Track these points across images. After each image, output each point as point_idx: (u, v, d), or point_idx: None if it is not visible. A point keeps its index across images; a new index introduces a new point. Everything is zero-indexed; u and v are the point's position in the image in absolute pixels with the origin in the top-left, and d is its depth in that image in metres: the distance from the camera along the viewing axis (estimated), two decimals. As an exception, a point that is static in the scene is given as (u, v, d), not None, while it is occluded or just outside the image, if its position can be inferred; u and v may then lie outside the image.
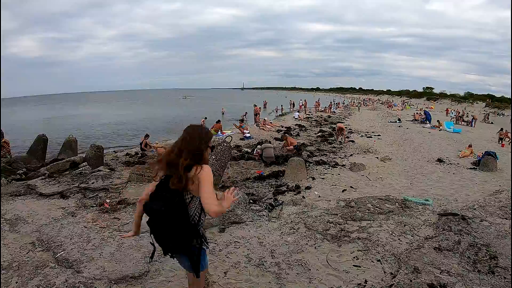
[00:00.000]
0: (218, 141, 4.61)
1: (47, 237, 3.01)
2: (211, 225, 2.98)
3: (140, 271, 2.34)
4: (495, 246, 2.97)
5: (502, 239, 3.15)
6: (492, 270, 2.54)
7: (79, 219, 3.51)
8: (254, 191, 5.56)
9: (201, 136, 1.56)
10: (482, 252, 2.87)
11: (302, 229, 3.06)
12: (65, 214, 3.70)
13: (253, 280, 2.21)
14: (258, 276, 2.25)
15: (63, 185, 5.27)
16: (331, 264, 2.48)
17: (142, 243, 2.80)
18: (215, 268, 2.38)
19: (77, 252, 2.67)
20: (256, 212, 3.37)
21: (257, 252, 2.59)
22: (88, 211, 3.79)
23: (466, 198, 6.08)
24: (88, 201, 4.22)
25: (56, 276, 2.27)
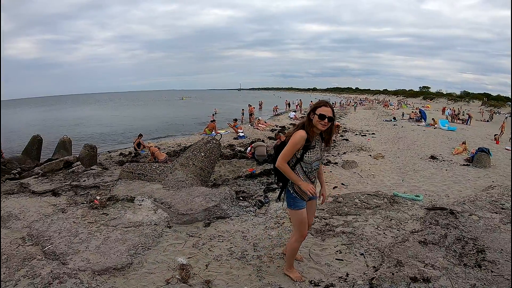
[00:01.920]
0: (207, 139, 4.57)
1: (37, 232, 3.05)
2: (197, 220, 2.96)
3: (123, 263, 2.39)
4: (483, 240, 2.95)
5: (491, 233, 3.14)
6: (479, 264, 2.52)
7: (69, 215, 3.54)
8: (245, 188, 5.54)
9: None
10: (469, 246, 2.86)
11: (287, 224, 3.05)
12: (55, 210, 3.73)
13: (233, 272, 2.23)
14: (239, 269, 2.26)
15: (55, 183, 5.31)
16: (313, 258, 2.49)
17: (128, 236, 2.84)
18: (197, 261, 2.41)
19: (64, 246, 2.72)
20: (243, 208, 3.34)
21: (240, 245, 2.61)
22: (78, 207, 3.82)
23: (458, 194, 6.09)
24: (79, 198, 4.25)
25: (42, 267, 2.34)
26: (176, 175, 3.95)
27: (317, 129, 1.99)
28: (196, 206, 3.09)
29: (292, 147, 1.98)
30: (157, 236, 2.76)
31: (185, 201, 3.23)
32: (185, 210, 3.01)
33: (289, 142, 2.02)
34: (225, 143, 10.07)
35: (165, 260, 2.43)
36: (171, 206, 3.10)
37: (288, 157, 2.01)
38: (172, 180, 3.88)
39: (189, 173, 3.99)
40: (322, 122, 1.96)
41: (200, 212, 2.99)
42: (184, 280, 2.13)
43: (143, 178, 4.24)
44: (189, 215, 2.96)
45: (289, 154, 2.00)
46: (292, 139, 1.98)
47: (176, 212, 3.00)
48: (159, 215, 3.11)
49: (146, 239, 2.73)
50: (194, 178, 3.97)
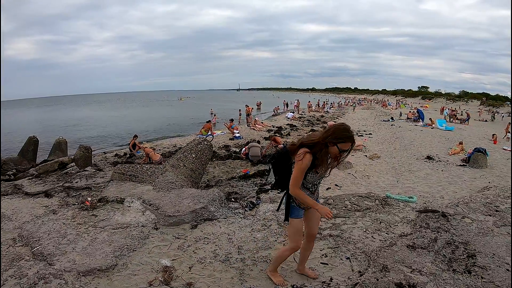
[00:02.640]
0: (198, 140, 4.56)
1: (28, 233, 3.08)
2: (184, 222, 2.96)
3: (108, 265, 2.41)
4: (474, 244, 2.87)
5: (483, 237, 3.06)
6: (468, 270, 2.44)
7: (59, 216, 3.56)
8: (238, 189, 5.53)
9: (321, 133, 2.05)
10: (459, 250, 2.78)
11: (274, 226, 3.03)
12: (47, 212, 3.75)
13: (216, 275, 2.23)
14: (221, 272, 2.26)
15: (48, 184, 5.35)
16: (297, 261, 2.44)
17: (114, 238, 2.85)
18: (181, 263, 2.42)
19: (52, 247, 2.75)
20: (232, 210, 3.33)
21: (224, 248, 2.60)
22: (69, 209, 3.85)
23: (453, 195, 6.05)
24: (71, 200, 4.27)
25: (29, 268, 2.40)
26: (167, 177, 3.94)
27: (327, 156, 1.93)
28: (183, 207, 3.09)
29: (301, 172, 1.93)
30: (143, 238, 2.76)
31: (173, 203, 3.23)
32: (172, 212, 3.01)
33: (296, 166, 1.94)
34: (221, 144, 10.07)
35: (149, 262, 2.44)
36: (159, 208, 3.10)
37: (299, 182, 1.96)
38: (162, 182, 3.88)
39: (179, 174, 3.98)
40: (339, 155, 1.92)
41: (187, 214, 2.99)
42: (166, 282, 2.14)
43: (134, 179, 4.23)
44: (176, 216, 2.96)
45: (300, 178, 1.96)
46: (301, 165, 1.91)
47: (163, 213, 2.99)
48: (147, 217, 3.10)
49: (132, 240, 2.74)
50: (185, 179, 3.96)
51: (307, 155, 1.88)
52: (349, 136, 1.88)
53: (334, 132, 1.89)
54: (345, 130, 1.89)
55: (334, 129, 1.92)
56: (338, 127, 1.92)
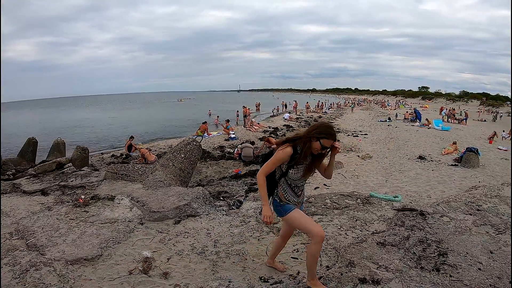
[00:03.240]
0: (187, 140, 4.75)
1: (23, 227, 3.26)
2: (167, 217, 3.14)
3: (94, 255, 2.60)
4: (448, 243, 2.85)
5: (459, 235, 3.03)
6: (437, 268, 2.42)
7: (53, 213, 3.74)
8: (228, 189, 5.71)
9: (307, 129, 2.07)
10: (431, 249, 2.75)
11: (253, 222, 3.16)
12: (42, 208, 3.93)
13: (191, 266, 2.39)
14: (196, 263, 2.42)
15: (45, 183, 5.56)
16: (269, 255, 2.49)
17: (102, 231, 3.05)
18: (161, 255, 2.59)
19: (45, 239, 2.95)
20: (216, 207, 3.51)
21: (202, 241, 2.76)
22: (64, 205, 4.01)
23: (440, 194, 6.13)
24: (66, 197, 4.44)
25: (22, 257, 2.59)
26: (156, 176, 4.13)
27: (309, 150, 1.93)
28: (168, 204, 3.27)
29: (274, 162, 1.94)
30: (129, 232, 2.95)
31: (159, 200, 3.42)
32: (157, 208, 3.20)
33: (273, 155, 1.97)
34: (216, 145, 10.25)
35: (132, 253, 2.62)
36: (145, 204, 3.28)
37: (268, 171, 1.96)
38: (151, 180, 4.07)
39: (168, 173, 4.17)
40: (322, 151, 1.94)
41: (171, 210, 3.17)
42: (145, 272, 2.32)
43: (126, 178, 4.42)
44: (160, 212, 3.14)
45: (270, 168, 1.96)
46: (277, 154, 1.94)
47: (149, 209, 3.18)
48: (134, 213, 3.29)
49: (118, 234, 2.93)
50: (173, 178, 4.15)
51: (287, 148, 1.91)
52: (332, 133, 1.92)
53: (318, 127, 1.94)
54: (329, 127, 1.94)
55: (319, 125, 1.97)
56: (323, 124, 1.97)
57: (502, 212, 3.70)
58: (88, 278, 2.31)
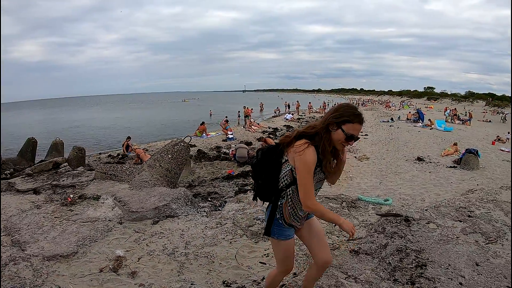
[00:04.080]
0: (175, 141, 4.80)
1: (11, 224, 3.37)
2: (146, 218, 3.18)
3: (70, 252, 2.69)
4: (429, 253, 2.66)
5: (443, 245, 2.83)
6: (412, 281, 2.22)
7: (41, 211, 3.83)
8: (219, 190, 5.74)
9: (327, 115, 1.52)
10: (409, 259, 2.54)
11: (229, 225, 3.15)
12: (32, 207, 4.03)
13: (159, 266, 2.43)
14: (165, 264, 2.45)
15: (38, 182, 5.66)
16: (238, 259, 2.53)
17: (81, 230, 3.13)
18: (133, 254, 2.65)
19: (28, 236, 3.05)
20: (198, 208, 3.54)
21: (174, 242, 2.78)
22: (52, 204, 4.11)
23: (435, 198, 5.86)
24: (56, 196, 4.54)
25: (4, 252, 2.70)
26: (142, 176, 4.19)
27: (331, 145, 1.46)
28: (148, 204, 3.32)
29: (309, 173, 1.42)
30: (107, 231, 3.02)
31: (140, 200, 3.46)
32: (136, 208, 3.25)
33: (300, 167, 1.42)
34: (213, 145, 10.31)
35: (106, 251, 2.68)
36: (125, 204, 3.34)
37: (312, 190, 1.45)
38: (137, 181, 4.12)
39: (154, 174, 4.22)
40: (346, 143, 1.45)
41: (150, 210, 3.22)
42: (114, 270, 2.38)
43: (114, 178, 4.49)
44: (139, 212, 3.19)
45: (311, 184, 1.44)
46: (304, 163, 1.41)
47: (128, 209, 3.23)
48: (115, 212, 3.35)
49: (96, 232, 3.00)
50: (160, 178, 4.20)
51: (310, 147, 1.40)
52: (357, 114, 1.43)
53: (337, 110, 1.45)
54: (351, 107, 1.46)
55: (338, 107, 1.48)
56: (342, 105, 1.49)
57: (496, 219, 3.48)
58: (61, 274, 2.39)
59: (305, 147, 1.40)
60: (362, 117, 1.44)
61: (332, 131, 1.44)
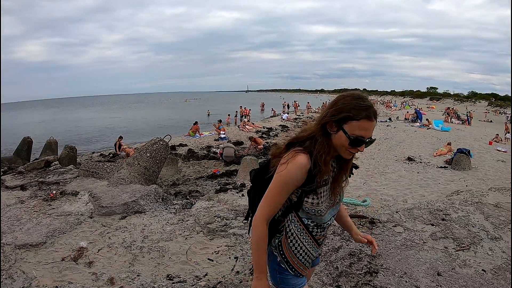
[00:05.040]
0: (155, 140, 4.95)
1: None
2: (115, 213, 3.33)
3: (39, 242, 2.88)
4: (386, 258, 2.50)
5: (405, 250, 2.64)
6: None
7: (24, 206, 4.03)
8: (201, 188, 5.86)
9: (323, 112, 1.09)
10: (360, 264, 2.38)
11: (190, 222, 3.23)
12: (17, 201, 4.24)
13: (114, 258, 2.58)
14: (120, 256, 2.60)
15: (26, 179, 5.88)
16: (188, 255, 2.60)
17: (54, 223, 3.31)
18: (94, 246, 2.81)
19: (6, 227, 3.25)
20: (168, 205, 3.67)
21: (134, 236, 2.93)
22: (35, 199, 4.31)
23: (419, 199, 5.73)
24: (40, 192, 4.72)
25: None
26: (120, 174, 4.34)
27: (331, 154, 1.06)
28: (118, 200, 3.47)
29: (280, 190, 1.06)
30: (76, 224, 3.20)
31: (112, 196, 3.62)
32: (106, 204, 3.40)
33: (275, 178, 1.06)
34: (204, 145, 10.46)
35: (72, 243, 2.86)
36: (98, 200, 3.49)
37: (273, 212, 1.09)
38: (115, 178, 4.28)
39: (132, 172, 4.37)
40: (354, 150, 1.04)
41: (119, 206, 3.37)
42: (74, 259, 2.57)
43: (95, 176, 4.66)
44: (108, 208, 3.34)
45: (274, 203, 1.08)
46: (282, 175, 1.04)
47: (99, 205, 3.38)
48: (88, 207, 3.52)
49: (66, 225, 3.20)
50: (137, 176, 4.35)
51: (300, 157, 1.03)
52: (363, 106, 1.00)
53: (335, 104, 1.04)
54: (355, 98, 1.02)
55: (336, 98, 1.07)
56: (343, 95, 1.06)
57: (473, 223, 3.27)
58: (28, 261, 2.57)
59: (291, 157, 1.03)
60: (371, 110, 1.00)
61: (332, 134, 1.03)
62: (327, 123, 1.05)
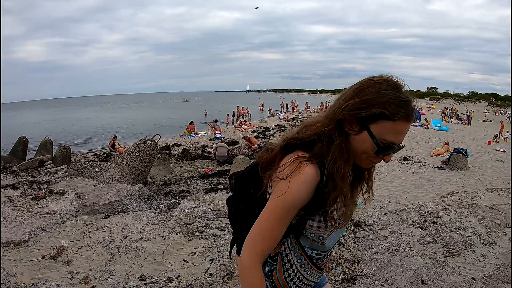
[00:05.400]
0: (144, 139, 4.96)
1: None
2: (98, 212, 3.34)
3: (21, 240, 2.90)
4: (367, 264, 2.38)
5: (389, 256, 2.50)
6: None
7: (12, 204, 4.03)
8: (191, 188, 5.87)
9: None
10: (338, 270, 2.30)
11: (171, 222, 3.21)
12: (6, 200, 4.23)
13: (92, 257, 2.60)
14: (98, 255, 2.62)
15: (18, 178, 5.87)
16: (164, 256, 2.57)
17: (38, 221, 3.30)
18: (75, 245, 2.82)
19: None
20: (152, 205, 3.67)
21: (113, 236, 2.94)
22: (24, 198, 4.31)
23: (412, 200, 5.59)
24: (30, 191, 4.73)
25: None
26: (108, 173, 4.35)
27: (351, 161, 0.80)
28: (102, 199, 3.48)
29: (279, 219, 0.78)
30: (60, 223, 3.22)
31: (98, 195, 3.63)
32: (90, 203, 3.41)
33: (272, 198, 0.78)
34: (199, 144, 10.47)
35: (53, 241, 2.87)
36: (83, 199, 3.49)
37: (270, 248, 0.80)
38: (103, 177, 4.29)
39: (121, 171, 4.39)
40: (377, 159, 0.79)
41: (102, 205, 3.38)
42: (54, 258, 2.58)
43: (84, 175, 4.67)
44: (92, 207, 3.36)
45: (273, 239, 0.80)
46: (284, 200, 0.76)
47: (83, 204, 3.39)
48: (73, 206, 3.54)
49: (49, 224, 3.22)
50: (125, 176, 4.36)
51: (306, 168, 0.75)
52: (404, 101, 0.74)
53: (362, 92, 0.75)
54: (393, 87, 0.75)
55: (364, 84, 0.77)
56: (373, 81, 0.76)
57: (466, 227, 3.09)
58: (9, 258, 2.59)
59: (295, 167, 0.75)
60: (411, 107, 0.75)
61: (351, 134, 0.77)
62: (344, 118, 0.76)
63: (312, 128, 0.81)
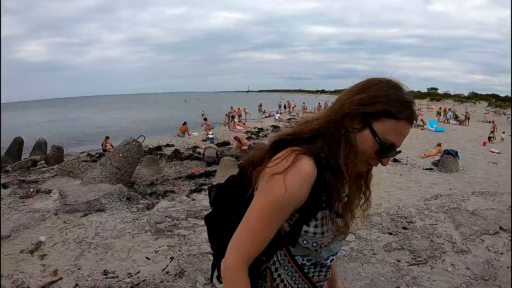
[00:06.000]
0: (128, 140, 5.14)
1: None
2: (78, 210, 3.51)
3: (4, 235, 3.04)
4: None
5: (347, 263, 2.39)
6: None
7: (1, 202, 4.19)
8: (177, 188, 6.06)
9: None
10: None
11: (143, 221, 3.29)
12: (-5, 199, 4.41)
13: (64, 252, 2.77)
14: (71, 250, 2.79)
15: (9, 178, 6.09)
16: (129, 253, 2.66)
17: (21, 218, 3.47)
18: (52, 241, 2.99)
19: None
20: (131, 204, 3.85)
21: (87, 233, 3.10)
22: (13, 197, 4.48)
23: (396, 202, 5.63)
24: (20, 190, 4.92)
25: None
26: (93, 173, 4.53)
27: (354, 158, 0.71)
28: (82, 199, 3.66)
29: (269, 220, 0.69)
30: (41, 220, 3.41)
31: (78, 195, 3.81)
32: (70, 201, 3.59)
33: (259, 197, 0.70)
34: (191, 145, 10.63)
35: (33, 237, 3.04)
36: (64, 198, 3.67)
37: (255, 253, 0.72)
38: (88, 177, 4.47)
39: (104, 171, 4.57)
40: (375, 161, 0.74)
41: (82, 204, 3.57)
42: (31, 252, 2.77)
43: (71, 175, 4.86)
44: (71, 205, 3.54)
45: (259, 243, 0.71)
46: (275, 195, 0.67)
47: (64, 202, 3.57)
48: (55, 204, 3.71)
49: (31, 221, 3.40)
50: (109, 176, 4.55)
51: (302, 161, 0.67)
52: (407, 102, 0.71)
53: (367, 89, 0.72)
54: (396, 88, 0.73)
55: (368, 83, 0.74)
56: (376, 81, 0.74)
57: (439, 233, 2.89)
58: None
59: (291, 160, 0.68)
60: (413, 110, 0.73)
61: (352, 132, 0.72)
62: (347, 114, 0.72)
63: (312, 123, 0.75)
